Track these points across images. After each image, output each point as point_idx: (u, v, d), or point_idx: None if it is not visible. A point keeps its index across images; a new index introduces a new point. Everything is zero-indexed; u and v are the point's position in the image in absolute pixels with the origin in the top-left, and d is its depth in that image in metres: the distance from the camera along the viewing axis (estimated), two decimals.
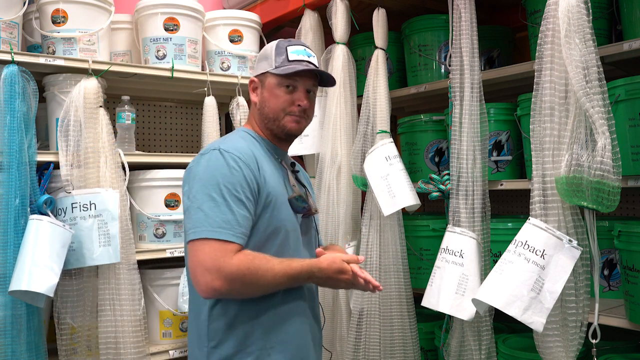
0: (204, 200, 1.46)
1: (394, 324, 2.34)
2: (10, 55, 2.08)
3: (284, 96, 1.62)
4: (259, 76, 1.66)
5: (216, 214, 1.44)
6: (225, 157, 1.51)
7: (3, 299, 1.97)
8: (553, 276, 1.69)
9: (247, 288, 1.45)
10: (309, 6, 2.66)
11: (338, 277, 1.55)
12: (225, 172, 1.49)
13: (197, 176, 1.51)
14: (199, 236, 1.43)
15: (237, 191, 1.47)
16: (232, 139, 1.62)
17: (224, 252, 1.42)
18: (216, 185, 1.47)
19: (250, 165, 1.53)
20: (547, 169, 1.75)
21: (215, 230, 1.43)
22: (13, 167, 2.01)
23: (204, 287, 1.42)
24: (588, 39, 1.66)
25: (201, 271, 1.42)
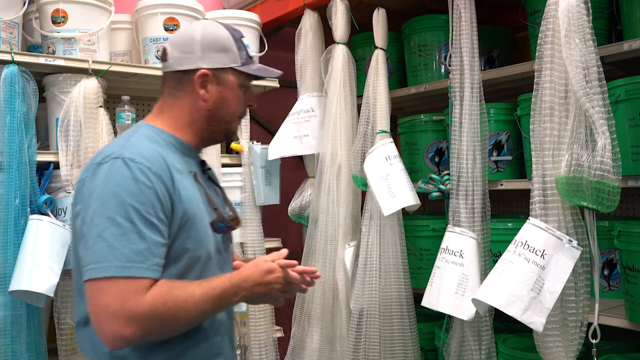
0: (105, 225, 1.16)
1: (394, 324, 2.34)
2: (10, 55, 2.08)
3: (243, 97, 1.44)
4: (215, 70, 1.39)
5: (123, 244, 1.15)
6: (131, 169, 1.21)
7: (3, 299, 1.97)
8: (553, 276, 1.69)
9: (166, 327, 1.20)
10: (309, 6, 2.66)
11: (267, 279, 1.33)
12: (131, 188, 1.19)
13: (94, 193, 1.20)
14: (103, 274, 1.15)
15: (148, 212, 1.19)
16: (137, 140, 1.30)
17: (134, 292, 1.15)
18: (121, 206, 1.17)
19: (163, 177, 1.25)
20: (547, 169, 1.75)
21: (123, 266, 1.15)
22: (13, 167, 2.01)
23: (110, 337, 1.15)
24: (588, 39, 1.66)
25: (106, 318, 1.14)
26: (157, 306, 1.16)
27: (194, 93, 1.39)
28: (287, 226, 3.06)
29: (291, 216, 2.72)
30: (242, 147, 2.62)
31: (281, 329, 2.71)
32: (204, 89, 1.39)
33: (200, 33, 1.39)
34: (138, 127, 1.39)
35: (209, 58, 1.39)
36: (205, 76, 1.38)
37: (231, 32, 1.43)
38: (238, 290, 1.29)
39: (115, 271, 1.15)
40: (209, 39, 1.39)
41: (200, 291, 1.23)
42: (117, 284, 1.15)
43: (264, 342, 2.57)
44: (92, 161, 1.28)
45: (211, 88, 1.39)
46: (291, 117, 2.67)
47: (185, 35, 1.41)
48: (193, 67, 1.38)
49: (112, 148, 1.28)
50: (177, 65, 1.40)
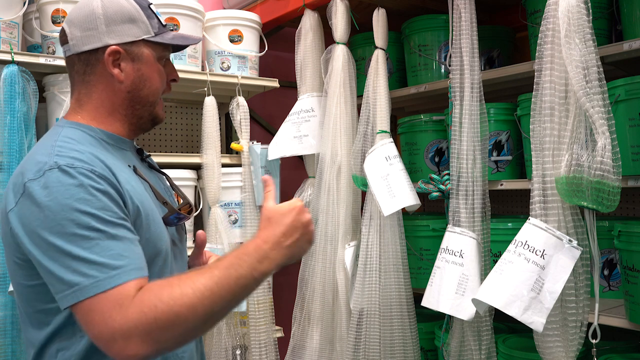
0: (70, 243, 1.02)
1: (394, 324, 2.34)
2: (10, 55, 2.08)
3: (163, 72, 1.27)
4: (125, 45, 1.21)
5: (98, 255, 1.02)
6: (73, 175, 1.06)
7: (3, 299, 1.97)
8: (553, 276, 1.69)
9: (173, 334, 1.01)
10: (309, 6, 2.66)
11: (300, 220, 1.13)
12: (83, 195, 1.05)
13: (42, 214, 1.03)
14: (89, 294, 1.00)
15: (109, 215, 1.06)
16: (63, 144, 1.13)
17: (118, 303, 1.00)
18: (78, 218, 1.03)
19: (109, 178, 1.11)
20: (547, 169, 1.75)
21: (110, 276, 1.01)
22: (13, 167, 2.01)
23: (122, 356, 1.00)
24: (588, 39, 1.66)
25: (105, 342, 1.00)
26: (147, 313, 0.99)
27: (108, 75, 1.22)
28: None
29: None
30: (242, 147, 2.62)
31: (281, 329, 2.71)
32: (118, 68, 1.22)
33: (100, 5, 1.21)
34: (59, 128, 1.21)
35: (116, 32, 1.21)
36: (116, 53, 1.21)
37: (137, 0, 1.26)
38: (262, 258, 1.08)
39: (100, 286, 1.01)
40: (112, 10, 1.21)
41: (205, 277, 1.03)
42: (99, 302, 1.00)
43: (264, 342, 2.57)
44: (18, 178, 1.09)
45: (125, 66, 1.22)
46: (291, 117, 2.67)
47: (83, 9, 1.22)
48: (100, 44, 1.20)
49: (38, 160, 1.10)
50: (81, 46, 1.22)
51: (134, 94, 1.24)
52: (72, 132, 1.19)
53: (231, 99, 2.66)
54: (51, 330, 1.12)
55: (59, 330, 1.12)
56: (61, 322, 1.11)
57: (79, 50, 1.22)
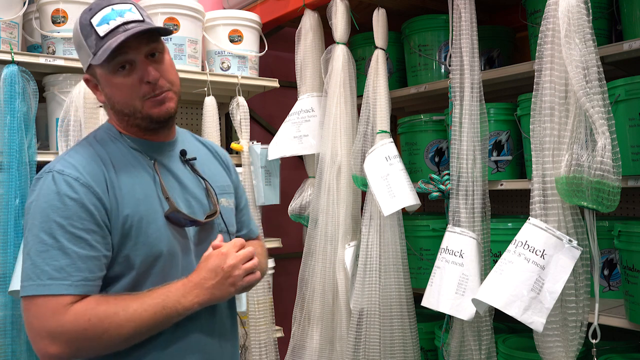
0: (32, 243, 1.15)
1: (394, 324, 2.34)
2: (10, 55, 2.08)
3: (127, 82, 1.25)
4: (88, 71, 1.31)
5: (45, 262, 1.13)
6: (57, 182, 1.18)
7: (3, 299, 1.97)
8: (553, 276, 1.69)
9: (96, 345, 1.15)
10: (309, 6, 2.66)
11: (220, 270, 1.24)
12: (56, 202, 1.16)
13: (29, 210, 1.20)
14: (26, 293, 1.14)
15: (73, 226, 1.16)
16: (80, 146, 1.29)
17: (54, 310, 1.13)
18: (45, 222, 1.15)
19: (93, 186, 1.20)
20: (547, 169, 1.75)
21: (43, 284, 1.13)
22: (13, 167, 2.01)
23: (40, 355, 1.15)
24: (588, 39, 1.66)
25: (32, 336, 1.15)
26: (79, 323, 1.13)
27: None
28: (287, 226, 3.06)
29: (291, 216, 2.72)
30: (242, 147, 2.62)
31: (281, 329, 2.71)
32: (97, 91, 1.32)
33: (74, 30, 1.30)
34: (100, 127, 1.38)
35: (82, 62, 1.32)
36: (87, 81, 1.33)
37: (81, 19, 1.27)
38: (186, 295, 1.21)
39: (35, 289, 1.14)
40: (74, 39, 1.30)
41: (137, 303, 1.17)
42: (37, 303, 1.14)
43: (264, 342, 2.57)
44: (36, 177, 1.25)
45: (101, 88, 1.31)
46: (291, 117, 2.67)
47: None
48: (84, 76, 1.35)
49: (55, 160, 1.27)
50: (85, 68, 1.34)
51: (115, 109, 1.31)
52: (102, 132, 1.34)
53: (231, 99, 2.66)
54: None
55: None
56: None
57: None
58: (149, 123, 1.31)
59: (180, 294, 1.21)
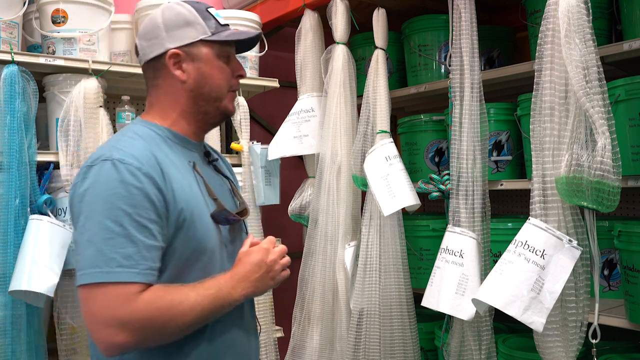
0: (95, 230, 1.14)
1: (394, 324, 2.34)
2: (10, 55, 2.08)
3: (227, 68, 1.36)
4: (183, 47, 1.32)
5: (112, 249, 1.13)
6: (119, 171, 1.18)
7: (3, 299, 1.97)
8: (553, 276, 1.69)
9: (161, 332, 1.17)
10: (309, 6, 2.66)
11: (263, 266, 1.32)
12: (121, 191, 1.16)
13: (84, 197, 1.17)
14: (91, 280, 1.12)
15: (139, 214, 1.16)
16: (128, 139, 1.28)
17: (125, 298, 1.12)
18: (110, 210, 1.15)
19: (154, 177, 1.21)
20: (547, 169, 1.75)
21: (113, 272, 1.12)
22: (13, 167, 2.01)
23: (104, 344, 1.13)
24: (588, 39, 1.66)
25: (98, 326, 1.12)
26: (151, 311, 1.14)
27: (172, 76, 1.34)
28: (287, 226, 3.06)
29: (291, 216, 2.72)
30: (242, 147, 2.62)
31: (281, 329, 2.71)
32: (180, 69, 1.33)
33: (161, 15, 1.35)
34: (133, 124, 1.36)
35: (174, 37, 1.32)
36: (176, 56, 1.33)
37: (194, 5, 1.36)
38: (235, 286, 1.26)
39: (105, 277, 1.12)
40: (170, 18, 1.34)
41: (195, 293, 1.20)
42: (107, 291, 1.12)
43: (264, 342, 2.57)
44: (84, 164, 1.24)
45: (187, 66, 1.33)
46: (291, 117, 2.67)
47: (148, 23, 1.37)
48: (162, 50, 1.33)
49: (103, 149, 1.25)
50: (148, 54, 1.35)
51: (197, 92, 1.34)
52: (141, 128, 1.32)
53: None
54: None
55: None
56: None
57: (147, 59, 1.36)
58: (218, 116, 1.38)
59: (230, 286, 1.26)
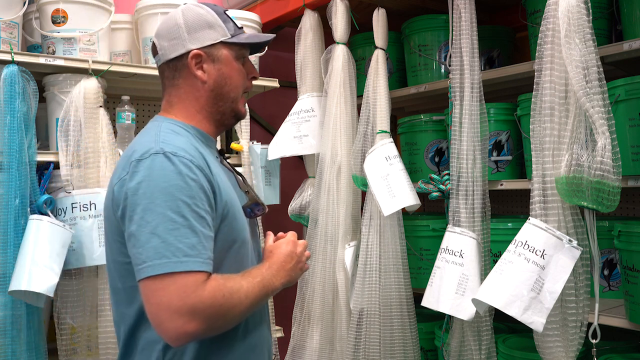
0: (158, 222, 1.14)
1: (394, 324, 2.34)
2: (10, 55, 2.08)
3: (243, 70, 1.41)
4: (204, 49, 1.36)
5: (178, 239, 1.14)
6: (174, 163, 1.19)
7: (3, 299, 1.97)
8: (553, 276, 1.69)
9: (225, 319, 1.20)
10: (309, 6, 2.66)
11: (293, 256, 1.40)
12: (179, 182, 1.18)
13: (138, 191, 1.18)
14: (160, 271, 1.12)
15: (197, 205, 1.18)
16: (167, 134, 1.29)
17: (193, 286, 1.13)
18: (171, 201, 1.16)
19: (204, 170, 1.25)
20: (547, 169, 1.75)
21: (180, 262, 1.13)
22: (13, 167, 2.01)
23: (174, 334, 1.13)
24: (588, 39, 1.66)
25: (169, 315, 1.12)
26: (217, 299, 1.15)
27: (193, 77, 1.37)
28: (287, 226, 3.06)
29: (291, 216, 2.72)
30: (242, 147, 2.62)
31: (281, 329, 2.71)
32: (201, 70, 1.37)
33: (181, 16, 1.38)
34: (160, 122, 1.36)
35: (196, 38, 1.36)
36: (198, 56, 1.36)
37: (212, 7, 1.40)
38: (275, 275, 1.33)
39: (174, 267, 1.13)
40: (192, 19, 1.37)
41: (246, 281, 1.24)
42: (176, 280, 1.13)
43: None
44: (127, 159, 1.24)
45: (207, 67, 1.37)
46: (291, 117, 2.67)
47: (168, 23, 1.40)
48: (184, 50, 1.36)
49: (146, 144, 1.25)
50: (169, 54, 1.38)
51: (217, 92, 1.38)
52: (171, 126, 1.34)
53: None
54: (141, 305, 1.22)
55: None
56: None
57: (167, 59, 1.38)
58: (231, 117, 1.43)
59: (271, 275, 1.32)
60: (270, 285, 1.31)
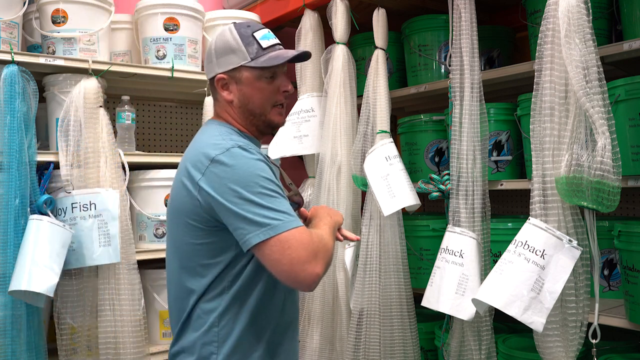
0: (257, 197, 1.36)
1: (394, 324, 2.34)
2: (10, 55, 2.08)
3: (268, 87, 1.55)
4: (228, 72, 1.54)
5: (280, 206, 1.37)
6: (251, 152, 1.43)
7: (3, 299, 1.97)
8: (553, 276, 1.69)
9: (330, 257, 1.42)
10: (309, 6, 2.66)
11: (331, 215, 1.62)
12: (260, 166, 1.41)
13: (232, 178, 1.38)
14: (280, 230, 1.33)
15: (275, 183, 1.42)
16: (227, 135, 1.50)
17: (307, 237, 1.35)
18: (263, 181, 1.38)
19: (265, 161, 1.47)
20: (547, 169, 1.75)
21: (291, 220, 1.36)
22: (13, 167, 2.01)
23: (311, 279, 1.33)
24: (588, 39, 1.66)
25: (301, 267, 1.32)
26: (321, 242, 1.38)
27: (222, 96, 1.56)
28: None
29: None
30: None
31: None
32: (226, 91, 1.55)
33: (214, 43, 1.57)
34: (214, 124, 1.56)
35: (221, 63, 1.54)
36: (222, 79, 1.54)
37: (240, 30, 1.54)
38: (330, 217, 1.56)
39: (290, 224, 1.34)
40: (219, 46, 1.55)
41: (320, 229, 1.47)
42: (294, 235, 1.33)
43: None
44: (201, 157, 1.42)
45: (232, 88, 1.54)
46: (291, 117, 2.67)
47: (208, 49, 1.60)
48: (213, 74, 1.56)
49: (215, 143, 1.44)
50: (207, 75, 1.60)
51: (244, 108, 1.55)
52: (226, 129, 1.53)
53: None
54: (208, 282, 1.46)
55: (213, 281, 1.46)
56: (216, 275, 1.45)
57: (208, 78, 1.60)
58: (265, 127, 1.58)
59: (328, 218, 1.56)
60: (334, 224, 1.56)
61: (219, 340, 1.46)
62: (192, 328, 1.49)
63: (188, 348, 1.49)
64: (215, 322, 1.46)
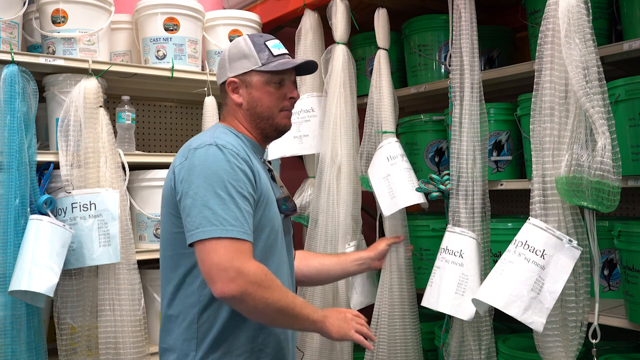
0: (209, 197, 1.41)
1: (396, 324, 2.34)
2: (10, 55, 2.08)
3: (276, 92, 1.62)
4: (239, 76, 1.63)
5: (224, 212, 1.39)
6: (224, 153, 1.46)
7: (3, 299, 1.97)
8: (553, 276, 1.69)
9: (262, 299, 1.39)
10: (309, 6, 2.66)
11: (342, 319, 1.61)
12: (227, 167, 1.44)
13: (195, 172, 1.45)
14: (209, 235, 1.38)
15: (240, 187, 1.44)
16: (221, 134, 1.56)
17: (239, 252, 1.38)
18: (220, 182, 1.42)
19: (248, 162, 1.51)
20: (547, 169, 1.75)
21: (226, 229, 1.38)
22: (13, 167, 2.01)
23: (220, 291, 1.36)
24: (588, 39, 1.66)
25: (217, 273, 1.36)
26: (259, 274, 1.39)
27: (232, 99, 1.64)
28: None
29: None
30: None
31: None
32: (236, 94, 1.63)
33: (228, 49, 1.67)
34: (217, 126, 1.64)
35: (233, 67, 1.63)
36: (233, 83, 1.63)
37: (253, 39, 1.64)
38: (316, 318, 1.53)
39: (222, 232, 1.38)
40: (232, 52, 1.65)
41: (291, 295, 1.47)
42: (224, 244, 1.37)
43: None
44: (186, 148, 1.52)
45: (242, 92, 1.62)
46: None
47: (221, 56, 1.69)
48: (224, 78, 1.65)
49: (202, 138, 1.52)
50: (218, 80, 1.69)
51: (252, 112, 1.63)
52: (225, 129, 1.61)
53: None
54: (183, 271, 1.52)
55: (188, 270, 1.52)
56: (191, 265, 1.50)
57: (218, 83, 1.70)
58: (272, 130, 1.65)
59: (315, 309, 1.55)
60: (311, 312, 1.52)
61: (198, 337, 1.50)
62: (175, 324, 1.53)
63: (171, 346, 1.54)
64: (195, 319, 1.50)
